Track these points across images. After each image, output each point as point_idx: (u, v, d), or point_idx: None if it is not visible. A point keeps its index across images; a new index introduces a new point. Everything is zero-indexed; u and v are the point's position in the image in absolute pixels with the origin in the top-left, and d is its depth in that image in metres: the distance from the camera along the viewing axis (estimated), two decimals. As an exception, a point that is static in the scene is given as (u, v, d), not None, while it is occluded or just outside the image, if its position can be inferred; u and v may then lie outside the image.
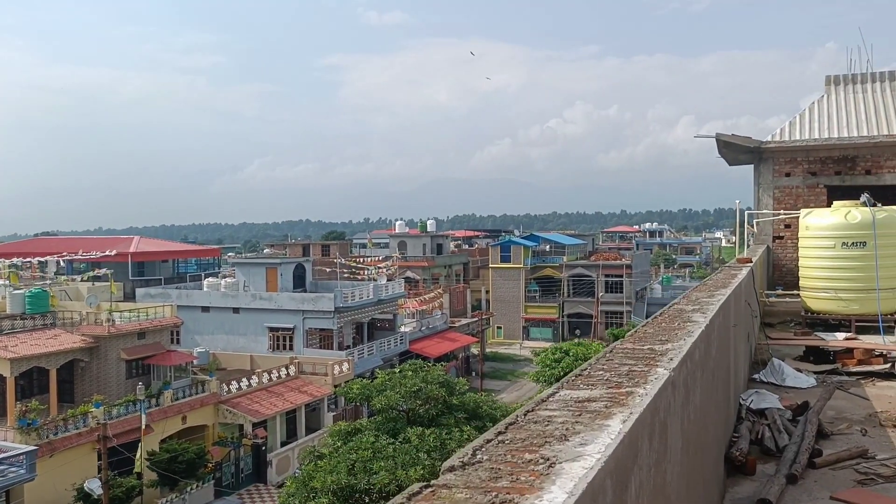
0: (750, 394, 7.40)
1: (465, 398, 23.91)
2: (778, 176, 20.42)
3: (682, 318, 4.65)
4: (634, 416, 2.19)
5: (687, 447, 3.40)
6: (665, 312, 5.00)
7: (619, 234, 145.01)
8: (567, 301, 78.33)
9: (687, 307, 5.14)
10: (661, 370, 2.95)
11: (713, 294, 5.89)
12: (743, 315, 8.08)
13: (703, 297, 5.74)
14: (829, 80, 21.98)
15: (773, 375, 8.95)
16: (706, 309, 4.94)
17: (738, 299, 7.08)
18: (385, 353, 53.04)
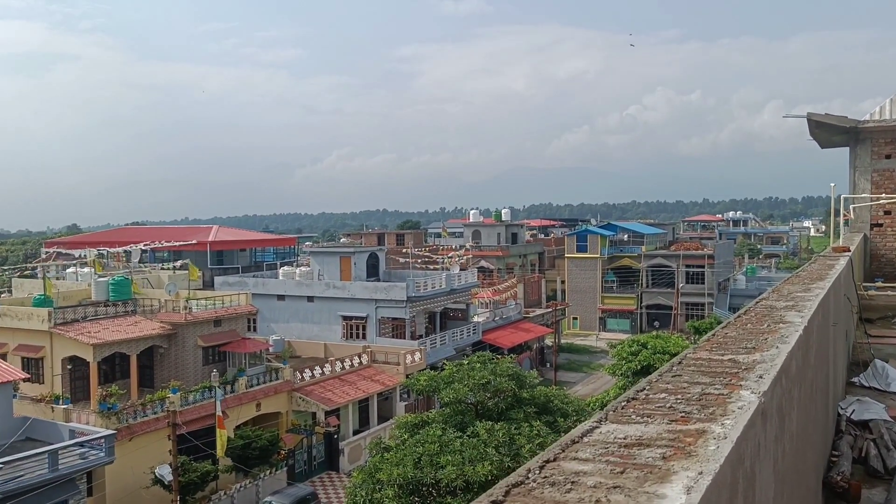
0: (850, 402, 6.42)
1: (535, 392, 23.11)
2: (877, 158, 18.79)
3: (773, 318, 3.80)
4: (707, 477, 1.44)
5: (781, 489, 2.61)
6: (751, 310, 4.14)
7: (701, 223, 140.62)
8: (646, 292, 76.22)
9: (778, 303, 4.26)
10: (746, 394, 2.17)
11: (809, 288, 4.97)
12: (843, 311, 7.07)
13: (797, 292, 4.83)
14: (937, 52, 20.08)
15: (875, 379, 7.88)
16: (802, 306, 4.06)
17: (838, 293, 6.11)
18: (458, 343, 52.58)
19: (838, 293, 6.21)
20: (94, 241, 60.92)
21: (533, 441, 19.94)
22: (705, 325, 56.13)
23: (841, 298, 6.89)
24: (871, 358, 8.79)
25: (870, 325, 12.08)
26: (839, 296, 6.52)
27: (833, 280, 5.84)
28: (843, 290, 7.24)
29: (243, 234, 70.14)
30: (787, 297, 4.54)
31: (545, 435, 20.33)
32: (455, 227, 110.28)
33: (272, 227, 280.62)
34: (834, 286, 5.73)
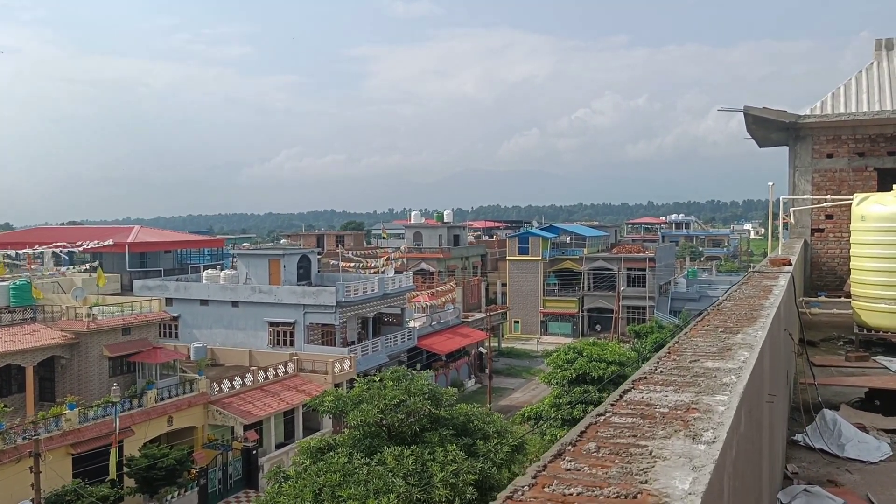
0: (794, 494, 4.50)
1: (454, 410, 21.09)
2: (818, 157, 17.26)
3: (658, 434, 1.82)
4: None
5: None
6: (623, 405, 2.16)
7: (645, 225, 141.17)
8: (587, 295, 75.14)
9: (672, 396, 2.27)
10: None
11: (729, 346, 3.01)
12: (782, 357, 5.16)
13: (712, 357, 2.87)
14: (880, 44, 18.71)
15: (824, 438, 6.01)
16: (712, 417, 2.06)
17: (776, 337, 4.18)
18: (391, 349, 50.42)
19: (777, 336, 4.27)
20: (1, 243, 56.99)
21: (447, 469, 17.91)
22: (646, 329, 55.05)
23: (780, 339, 4.96)
24: (816, 400, 6.94)
25: (812, 350, 10.33)
26: (778, 338, 4.58)
27: (771, 322, 3.87)
28: (783, 327, 5.32)
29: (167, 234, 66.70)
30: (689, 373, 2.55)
31: (461, 461, 18.32)
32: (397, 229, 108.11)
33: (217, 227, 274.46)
34: (771, 331, 3.76)
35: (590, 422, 1.97)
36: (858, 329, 10.25)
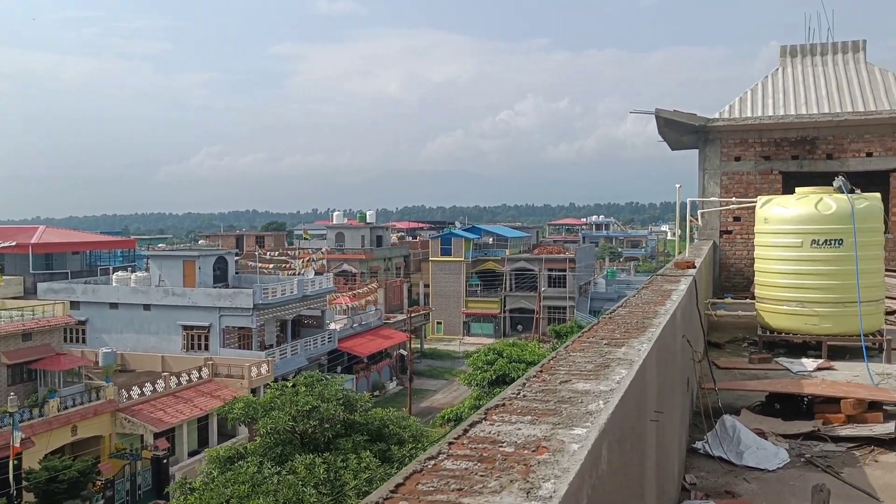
0: (688, 510, 4.29)
1: (369, 416, 20.63)
2: (726, 160, 17.55)
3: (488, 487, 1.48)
4: None
5: None
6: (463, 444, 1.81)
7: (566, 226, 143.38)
8: (509, 296, 75.63)
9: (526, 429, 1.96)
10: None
11: (608, 363, 2.72)
12: (680, 364, 4.96)
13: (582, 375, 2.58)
14: (785, 50, 19.19)
15: (723, 445, 5.88)
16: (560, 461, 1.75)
17: (668, 348, 3.92)
18: (311, 352, 49.49)
19: (672, 344, 4.04)
20: None
21: (359, 476, 17.47)
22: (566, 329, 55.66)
23: (677, 347, 4.76)
24: (717, 404, 6.84)
25: (717, 352, 10.35)
26: (673, 346, 4.36)
27: (660, 331, 3.62)
28: (680, 332, 5.13)
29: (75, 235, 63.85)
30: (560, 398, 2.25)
31: (375, 468, 17.90)
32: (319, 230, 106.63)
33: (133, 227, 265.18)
34: (662, 341, 3.51)
35: (414, 469, 1.62)
36: (762, 331, 10.32)
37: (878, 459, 5.80)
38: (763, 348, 10.11)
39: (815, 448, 6.05)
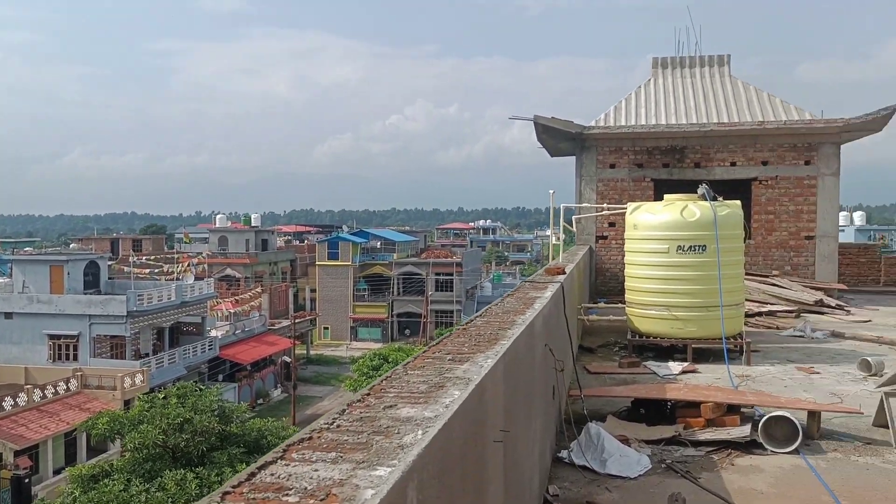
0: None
1: (247, 426, 19.89)
2: (602, 167, 17.98)
3: None
4: None
5: None
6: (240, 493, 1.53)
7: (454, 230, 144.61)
8: (397, 300, 75.43)
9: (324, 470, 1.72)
10: None
11: (444, 383, 2.53)
12: (540, 374, 4.85)
13: (412, 397, 2.38)
14: (657, 62, 19.88)
15: (588, 453, 5.85)
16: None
17: (520, 359, 3.78)
18: (190, 360, 47.55)
19: (529, 354, 3.89)
20: None
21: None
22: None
23: (537, 355, 4.65)
24: (583, 412, 6.84)
25: (590, 357, 10.47)
26: (530, 356, 4.23)
27: (513, 341, 3.47)
28: (542, 341, 5.03)
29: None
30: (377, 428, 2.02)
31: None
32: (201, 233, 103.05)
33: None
34: (513, 353, 3.35)
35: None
36: (632, 335, 10.52)
37: (735, 463, 5.92)
38: (633, 352, 10.31)
39: (677, 453, 6.12)
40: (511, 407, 3.48)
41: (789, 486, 5.44)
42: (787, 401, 6.95)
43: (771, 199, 17.43)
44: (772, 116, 17.59)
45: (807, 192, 17.28)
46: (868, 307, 16.27)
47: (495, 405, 2.97)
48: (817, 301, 15.19)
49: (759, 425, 6.25)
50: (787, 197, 17.34)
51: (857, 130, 16.86)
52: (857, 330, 12.70)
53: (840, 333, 12.15)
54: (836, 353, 10.56)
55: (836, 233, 17.56)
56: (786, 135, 17.12)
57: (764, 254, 17.45)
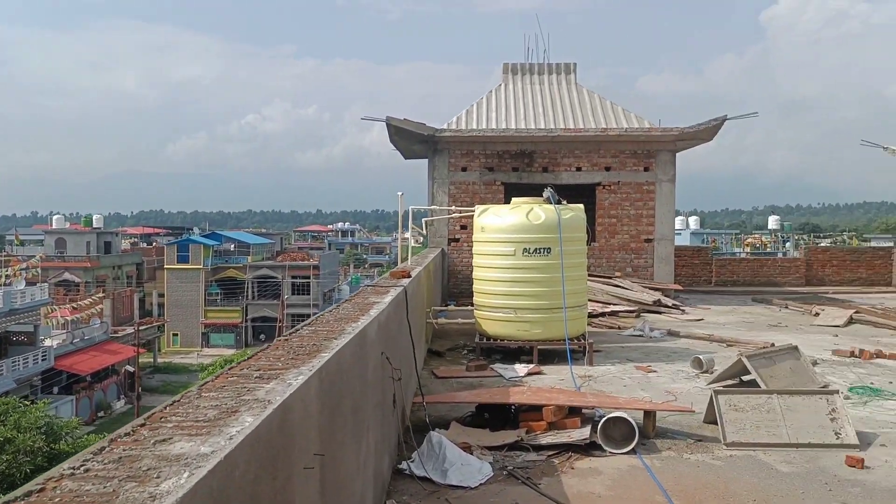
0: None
1: (78, 443, 18.44)
2: (454, 170, 18.04)
3: None
4: None
5: None
6: None
7: (312, 233, 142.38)
8: (251, 304, 73.11)
9: None
10: None
11: (238, 407, 2.20)
12: (376, 383, 4.59)
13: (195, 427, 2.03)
14: (507, 68, 20.21)
15: (428, 463, 5.67)
16: None
17: (346, 371, 3.50)
18: (20, 373, 43.82)
19: (348, 370, 3.61)
20: None
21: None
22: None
23: (369, 365, 4.38)
24: (426, 420, 6.67)
25: (438, 361, 10.35)
26: (358, 367, 3.96)
27: (335, 353, 3.19)
28: (377, 350, 4.78)
29: None
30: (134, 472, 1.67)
31: None
32: (36, 235, 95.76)
33: None
34: (330, 368, 3.07)
35: None
36: (480, 338, 10.50)
37: (575, 466, 5.92)
38: (481, 355, 10.28)
39: (519, 458, 6.05)
40: (332, 425, 3.20)
41: (626, 487, 5.48)
42: (625, 401, 7.07)
43: (614, 203, 18.11)
44: (614, 124, 18.28)
45: (646, 197, 18.08)
46: (701, 306, 17.22)
47: (306, 427, 2.68)
48: (656, 301, 15.89)
49: (598, 427, 6.29)
50: (629, 201, 18.08)
51: (691, 139, 17.82)
52: (691, 328, 13.35)
53: (676, 332, 12.72)
54: (671, 352, 11.00)
55: (672, 236, 18.49)
56: (627, 142, 17.85)
57: (607, 256, 18.10)
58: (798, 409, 6.59)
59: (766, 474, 5.72)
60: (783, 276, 23.42)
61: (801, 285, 23.02)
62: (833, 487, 5.43)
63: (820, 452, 6.17)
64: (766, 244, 69.91)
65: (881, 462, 5.93)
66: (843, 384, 8.78)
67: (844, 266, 23.70)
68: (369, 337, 4.44)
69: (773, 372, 8.26)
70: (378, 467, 4.87)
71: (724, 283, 22.95)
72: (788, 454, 6.15)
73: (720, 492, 5.38)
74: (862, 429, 6.77)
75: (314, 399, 2.81)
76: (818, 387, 8.36)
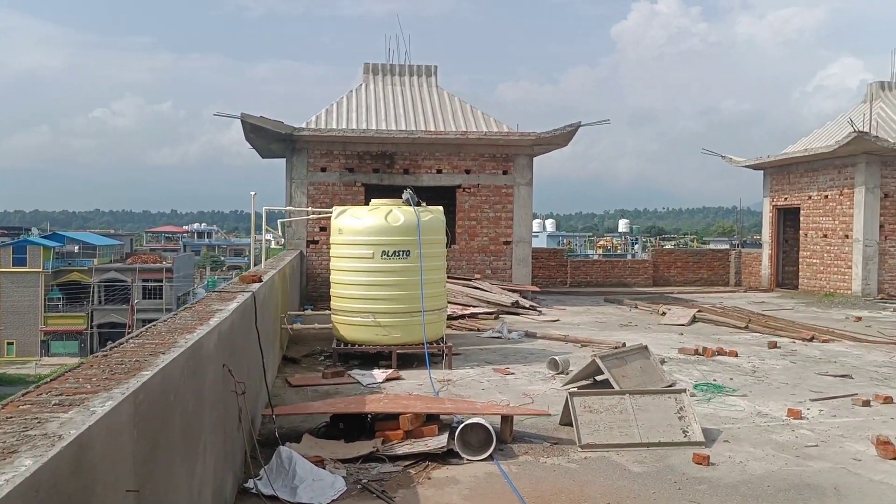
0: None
1: None
2: (313, 170, 17.58)
3: None
4: None
5: None
6: None
7: (166, 234, 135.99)
8: (97, 309, 68.74)
9: None
10: None
11: (16, 448, 1.80)
12: (214, 399, 4.21)
13: None
14: (368, 68, 19.95)
15: (279, 480, 5.32)
16: None
17: (172, 390, 3.14)
18: None
19: (174, 389, 3.25)
20: None
21: None
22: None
23: (206, 380, 4.00)
24: (275, 433, 6.30)
25: (293, 369, 9.93)
26: (193, 383, 3.59)
27: (155, 373, 2.83)
28: (218, 361, 4.40)
29: None
30: None
31: None
32: None
33: None
34: (152, 388, 2.70)
35: None
36: (337, 343, 10.18)
37: (432, 476, 5.74)
38: (338, 361, 9.96)
39: (374, 471, 5.80)
40: (155, 453, 2.83)
41: (483, 496, 5.36)
42: (482, 406, 6.99)
43: (474, 205, 18.25)
44: (474, 127, 18.42)
45: (505, 200, 18.34)
46: (557, 307, 17.65)
47: (115, 462, 2.32)
48: (514, 302, 16.11)
49: (456, 434, 6.16)
50: (488, 204, 18.28)
51: (548, 144, 18.25)
52: (548, 329, 13.60)
53: (533, 333, 12.89)
54: (528, 353, 11.11)
55: (530, 238, 18.86)
56: (486, 145, 18.03)
57: (467, 258, 18.21)
58: (648, 409, 6.73)
59: (619, 475, 5.77)
60: (633, 276, 24.50)
61: (649, 286, 24.16)
62: (682, 486, 5.55)
63: (670, 451, 6.31)
64: (616, 246, 73.40)
65: (725, 458, 6.13)
66: (689, 382, 9.14)
67: (687, 267, 25.10)
68: (206, 349, 4.05)
69: (624, 371, 8.46)
70: (219, 489, 4.48)
71: (579, 284, 23.72)
72: (640, 454, 6.25)
73: (575, 496, 5.36)
74: (707, 425, 7.02)
75: (127, 427, 2.45)
76: (667, 385, 8.65)
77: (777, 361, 10.73)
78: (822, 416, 7.57)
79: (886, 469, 5.87)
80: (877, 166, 19.93)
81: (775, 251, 23.95)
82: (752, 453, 6.28)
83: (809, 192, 22.03)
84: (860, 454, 6.26)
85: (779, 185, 23.59)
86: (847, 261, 20.43)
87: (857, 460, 6.10)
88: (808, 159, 21.69)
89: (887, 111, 21.56)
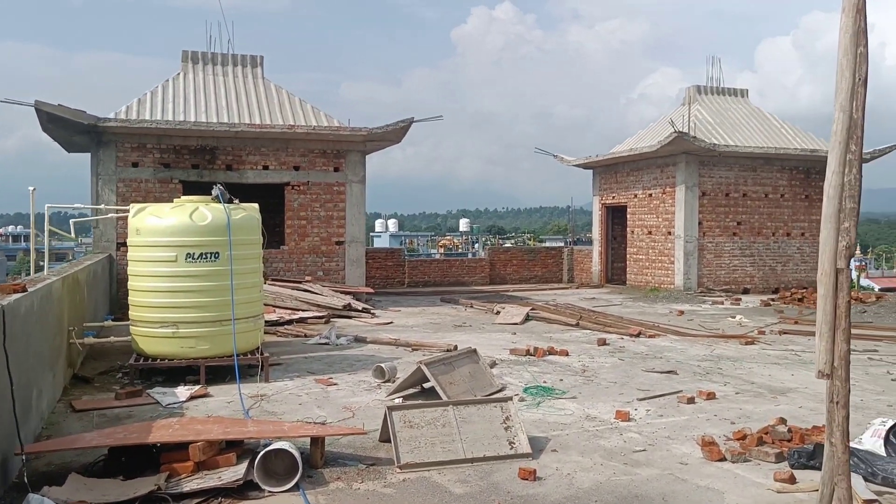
0: None
1: None
2: (123, 165, 16.01)
3: None
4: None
5: None
6: None
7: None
8: None
9: None
10: None
11: None
12: None
13: None
14: (187, 55, 18.50)
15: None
16: None
17: None
18: None
19: None
20: None
21: None
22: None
23: None
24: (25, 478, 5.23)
25: (83, 390, 8.67)
26: None
27: None
28: None
29: None
30: None
31: None
32: None
33: None
34: None
35: None
36: (136, 358, 9.02)
37: (224, 513, 4.91)
38: (138, 378, 8.82)
39: (155, 513, 4.89)
40: None
41: (280, 537, 4.61)
42: (290, 427, 6.22)
43: (303, 204, 17.33)
44: (303, 121, 17.49)
45: (337, 199, 17.56)
46: (392, 308, 17.09)
47: None
48: (346, 305, 15.38)
49: (256, 462, 5.36)
50: (319, 203, 17.42)
51: (380, 140, 17.63)
52: (379, 333, 12.97)
53: (363, 338, 12.22)
54: (356, 360, 10.42)
55: (363, 238, 18.18)
56: (316, 140, 17.17)
57: (298, 259, 17.27)
58: (473, 420, 6.23)
59: (438, 499, 5.20)
60: (470, 275, 24.42)
61: (485, 284, 24.18)
62: (505, 506, 5.06)
63: (495, 466, 5.83)
64: (457, 245, 74.25)
65: (552, 471, 5.73)
66: (519, 385, 8.80)
67: (523, 265, 25.37)
68: None
69: (452, 378, 7.97)
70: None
71: (417, 284, 23.33)
72: (464, 472, 5.73)
73: (389, 527, 4.73)
74: (535, 433, 6.63)
75: None
76: (496, 390, 8.24)
77: (606, 359, 10.67)
78: (649, 417, 7.40)
79: (712, 472, 5.68)
80: (695, 165, 20.89)
81: (605, 248, 24.68)
82: (580, 463, 5.92)
83: (635, 190, 22.82)
84: (687, 457, 6.06)
85: (607, 184, 24.31)
86: (670, 256, 21.30)
87: (683, 464, 5.88)
88: (633, 159, 22.44)
89: (704, 114, 22.71)
